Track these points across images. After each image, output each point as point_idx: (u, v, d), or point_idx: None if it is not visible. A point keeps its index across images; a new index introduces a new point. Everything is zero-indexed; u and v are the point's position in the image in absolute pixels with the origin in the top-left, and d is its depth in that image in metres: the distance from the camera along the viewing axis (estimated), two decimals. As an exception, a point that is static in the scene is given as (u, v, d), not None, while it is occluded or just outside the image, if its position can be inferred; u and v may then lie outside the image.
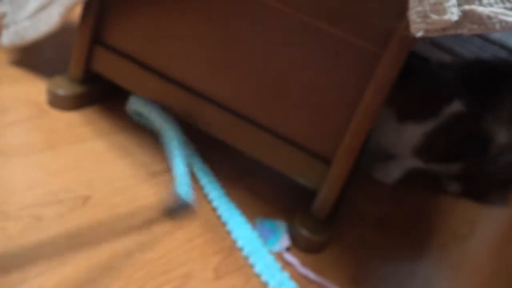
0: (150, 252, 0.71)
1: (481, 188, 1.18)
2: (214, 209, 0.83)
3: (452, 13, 0.57)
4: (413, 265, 0.91)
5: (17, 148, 0.80)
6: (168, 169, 0.88)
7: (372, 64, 0.73)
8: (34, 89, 0.95)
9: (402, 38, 0.69)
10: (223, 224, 0.81)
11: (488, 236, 1.13)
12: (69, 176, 0.79)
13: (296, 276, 0.77)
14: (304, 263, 0.79)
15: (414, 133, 1.03)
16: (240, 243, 0.78)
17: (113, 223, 0.73)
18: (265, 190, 0.93)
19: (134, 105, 0.94)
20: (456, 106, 0.99)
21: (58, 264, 0.64)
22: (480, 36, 1.40)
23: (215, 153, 0.96)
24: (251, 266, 0.76)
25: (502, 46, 1.39)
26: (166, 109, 0.91)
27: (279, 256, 0.79)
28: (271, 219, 0.85)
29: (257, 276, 0.74)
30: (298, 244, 0.83)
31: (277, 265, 0.76)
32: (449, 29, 0.58)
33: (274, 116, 0.83)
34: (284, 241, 0.81)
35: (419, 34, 0.59)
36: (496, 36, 1.37)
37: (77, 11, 0.89)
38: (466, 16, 0.57)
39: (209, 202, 0.84)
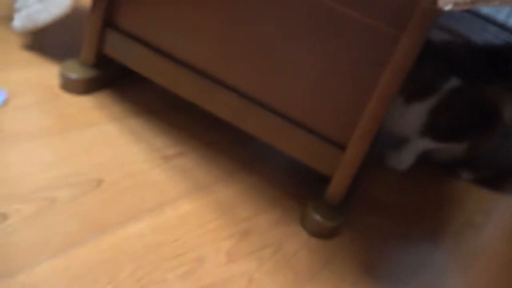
0: (163, 235, 0.71)
1: (493, 175, 1.17)
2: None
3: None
4: (426, 253, 0.90)
5: (29, 132, 0.80)
6: (181, 153, 0.87)
7: (389, 47, 0.72)
8: (47, 73, 0.94)
9: (421, 20, 0.68)
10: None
11: (503, 224, 1.12)
12: (81, 159, 0.79)
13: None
14: (315, 249, 0.79)
15: (419, 111, 1.04)
16: None
17: (126, 207, 0.73)
18: (278, 175, 0.92)
19: None
20: (454, 82, 1.03)
21: (71, 246, 0.64)
22: (483, 18, 1.42)
23: (227, 137, 0.96)
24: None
25: (503, 27, 1.41)
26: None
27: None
28: None
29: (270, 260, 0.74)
30: (310, 229, 0.82)
31: None
32: (479, 1, 0.56)
33: (287, 101, 0.82)
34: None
35: (448, 7, 0.58)
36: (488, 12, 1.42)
37: (90, -6, 0.88)
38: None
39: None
